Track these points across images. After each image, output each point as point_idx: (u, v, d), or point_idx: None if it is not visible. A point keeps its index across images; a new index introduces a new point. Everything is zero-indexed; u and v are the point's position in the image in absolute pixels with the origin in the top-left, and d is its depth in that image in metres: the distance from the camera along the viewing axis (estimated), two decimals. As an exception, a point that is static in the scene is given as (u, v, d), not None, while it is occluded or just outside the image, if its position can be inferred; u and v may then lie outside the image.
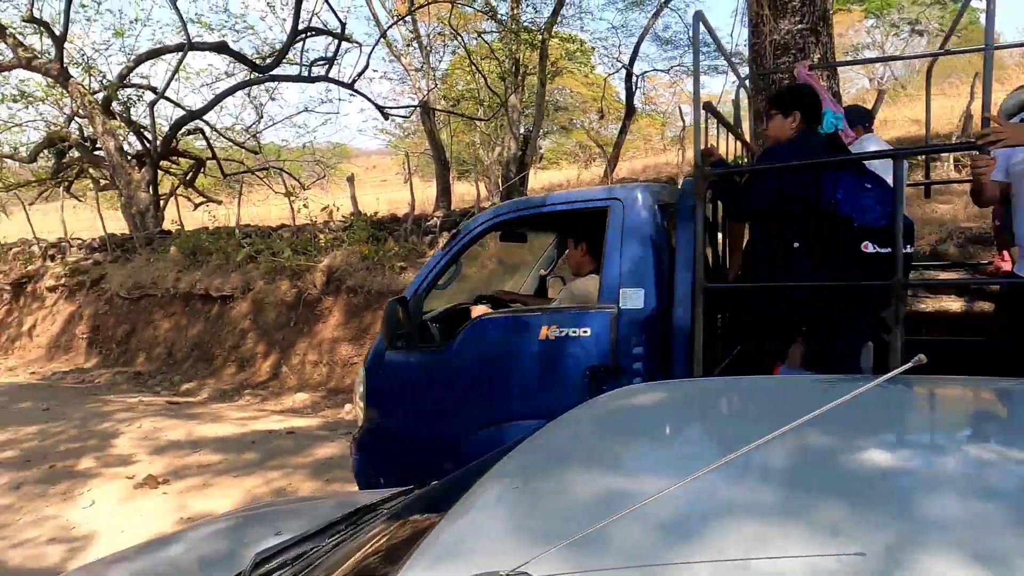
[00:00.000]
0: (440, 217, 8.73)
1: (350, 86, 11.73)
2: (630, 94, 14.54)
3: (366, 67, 11.84)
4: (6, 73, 12.03)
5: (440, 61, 17.15)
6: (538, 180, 16.94)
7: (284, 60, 11.72)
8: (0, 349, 10.64)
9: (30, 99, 12.85)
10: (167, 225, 11.50)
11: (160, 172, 12.32)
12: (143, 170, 11.67)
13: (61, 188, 13.49)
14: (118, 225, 11.92)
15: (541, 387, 2.92)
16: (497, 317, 3.14)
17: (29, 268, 11.36)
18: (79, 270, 10.70)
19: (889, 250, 2.51)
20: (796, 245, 2.72)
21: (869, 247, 2.60)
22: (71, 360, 9.61)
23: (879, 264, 2.57)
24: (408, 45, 14.72)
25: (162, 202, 11.94)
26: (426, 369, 3.23)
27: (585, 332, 2.86)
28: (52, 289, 10.76)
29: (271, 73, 11.78)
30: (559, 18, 13.85)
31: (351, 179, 9.57)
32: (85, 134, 12.61)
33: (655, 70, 16.92)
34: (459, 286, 3.95)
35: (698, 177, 2.68)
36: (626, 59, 14.91)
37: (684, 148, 7.95)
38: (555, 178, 19.73)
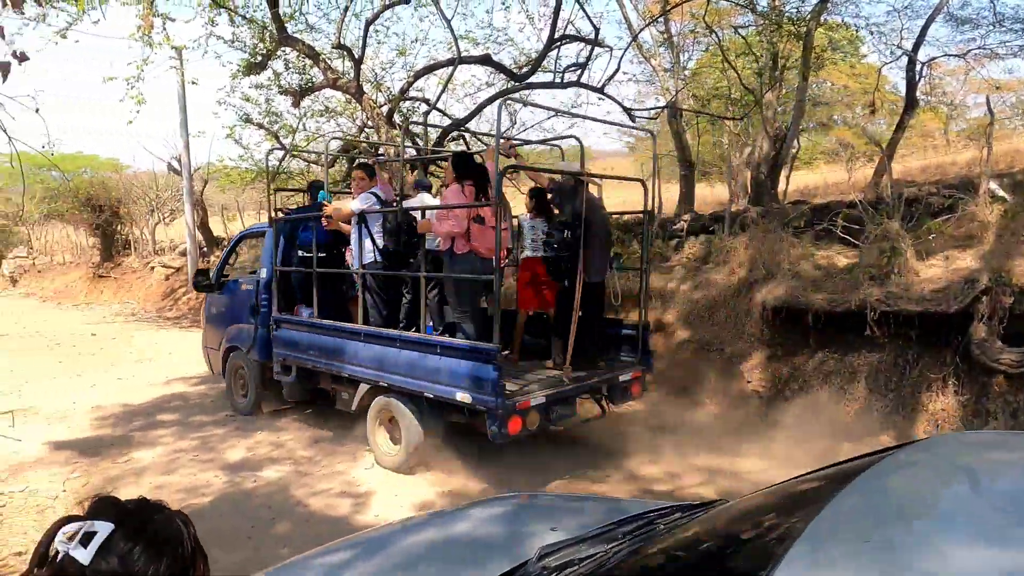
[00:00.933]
0: (687, 221, 8.49)
1: (600, 90, 11.93)
2: (911, 84, 12.72)
3: (616, 70, 11.93)
4: (316, 93, 14.36)
5: (689, 60, 16.70)
6: (793, 181, 15.57)
7: (539, 68, 12.33)
8: (301, 323, 12.77)
9: (332, 114, 15.20)
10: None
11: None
12: (414, 173, 13.15)
13: (351, 189, 15.76)
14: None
15: (240, 309, 6.68)
16: (234, 278, 7.11)
17: (324, 256, 13.47)
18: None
19: (310, 254, 5.77)
20: (300, 254, 6.06)
21: (299, 253, 6.08)
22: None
23: (307, 259, 5.88)
24: (660, 46, 14.55)
25: (428, 202, 13.32)
26: (217, 301, 7.14)
27: (251, 287, 6.59)
28: (340, 275, 12.63)
29: (527, 81, 12.46)
30: (827, 5, 12.61)
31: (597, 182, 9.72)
32: (371, 142, 14.57)
33: (946, 55, 14.56)
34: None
35: (271, 220, 6.40)
36: (908, 44, 13.08)
37: (989, 145, 6.72)
38: (810, 180, 18.01)
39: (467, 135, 14.84)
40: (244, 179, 16.84)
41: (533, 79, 12.61)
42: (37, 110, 2.65)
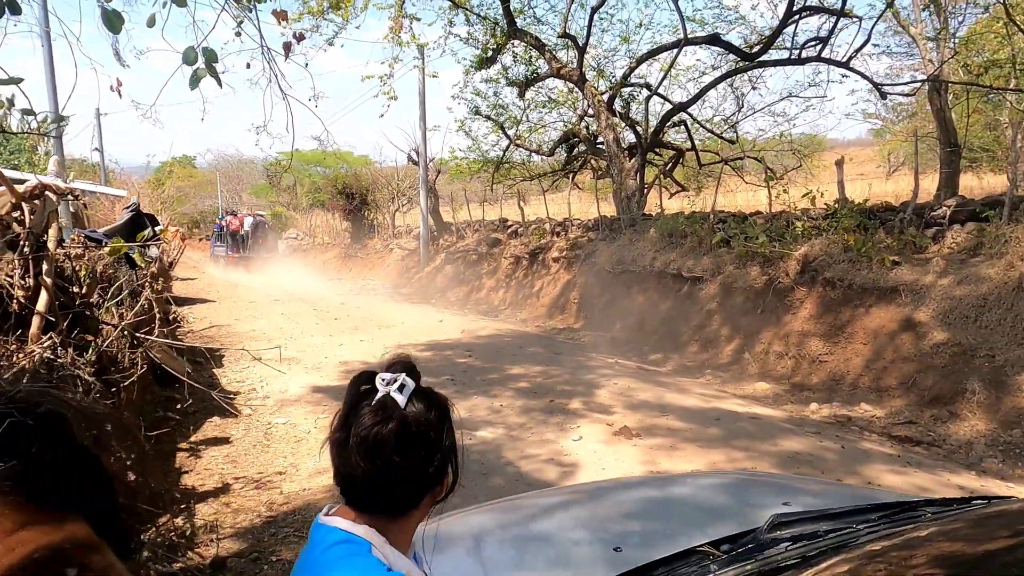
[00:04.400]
0: (951, 206, 7.30)
1: (845, 65, 10.74)
2: None
3: (866, 41, 10.62)
4: (539, 84, 14.82)
5: (960, 25, 14.32)
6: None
7: (773, 45, 11.44)
8: (516, 304, 13.35)
9: (554, 104, 15.59)
10: (648, 210, 12.58)
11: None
12: (633, 160, 12.99)
13: (569, 177, 16.06)
14: (609, 209, 13.59)
15: (215, 241, 24.13)
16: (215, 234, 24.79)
17: (541, 242, 13.91)
18: (576, 245, 12.60)
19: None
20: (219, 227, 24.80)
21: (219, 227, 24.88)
22: (564, 320, 11.41)
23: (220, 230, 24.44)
24: (923, 10, 12.70)
25: (645, 189, 13.09)
26: (215, 240, 24.64)
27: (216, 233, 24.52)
28: (556, 260, 12.95)
29: (759, 60, 11.64)
30: None
31: (840, 163, 8.75)
32: (590, 130, 14.68)
33: None
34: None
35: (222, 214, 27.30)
36: None
37: None
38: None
39: (688, 120, 14.31)
40: (471, 169, 18.02)
41: (765, 57, 11.75)
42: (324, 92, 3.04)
